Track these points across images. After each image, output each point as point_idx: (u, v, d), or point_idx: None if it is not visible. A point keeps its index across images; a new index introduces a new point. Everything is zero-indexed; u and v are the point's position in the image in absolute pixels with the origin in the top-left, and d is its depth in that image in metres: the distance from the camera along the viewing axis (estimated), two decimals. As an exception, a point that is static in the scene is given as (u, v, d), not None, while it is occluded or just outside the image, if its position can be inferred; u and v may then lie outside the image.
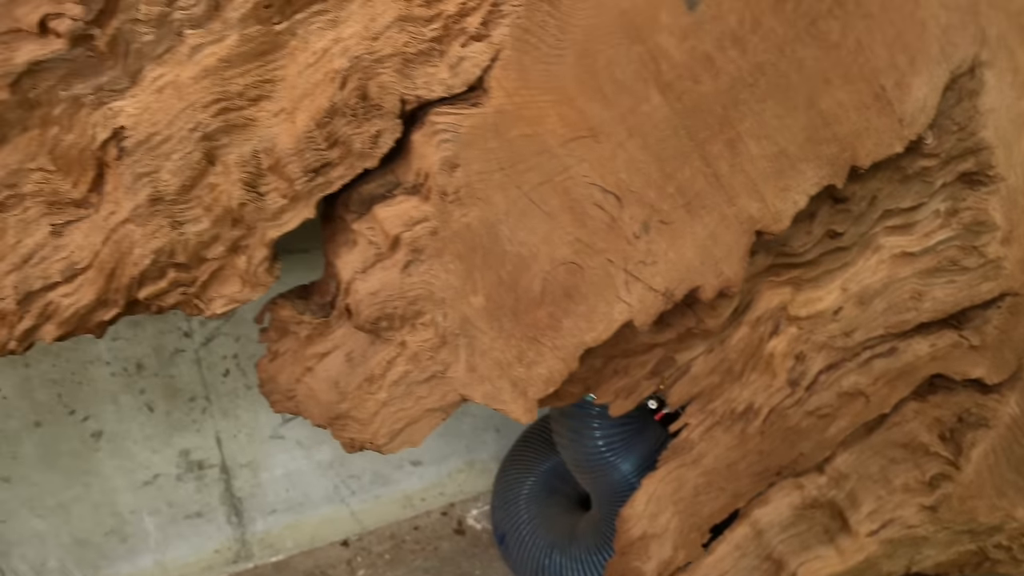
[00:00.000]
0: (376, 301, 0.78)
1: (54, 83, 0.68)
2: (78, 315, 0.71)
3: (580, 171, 0.79)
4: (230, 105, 0.70)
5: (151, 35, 0.67)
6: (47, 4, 0.64)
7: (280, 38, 0.70)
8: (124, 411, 1.26)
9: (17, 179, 0.70)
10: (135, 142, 0.68)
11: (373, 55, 0.71)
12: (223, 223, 0.72)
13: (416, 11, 0.72)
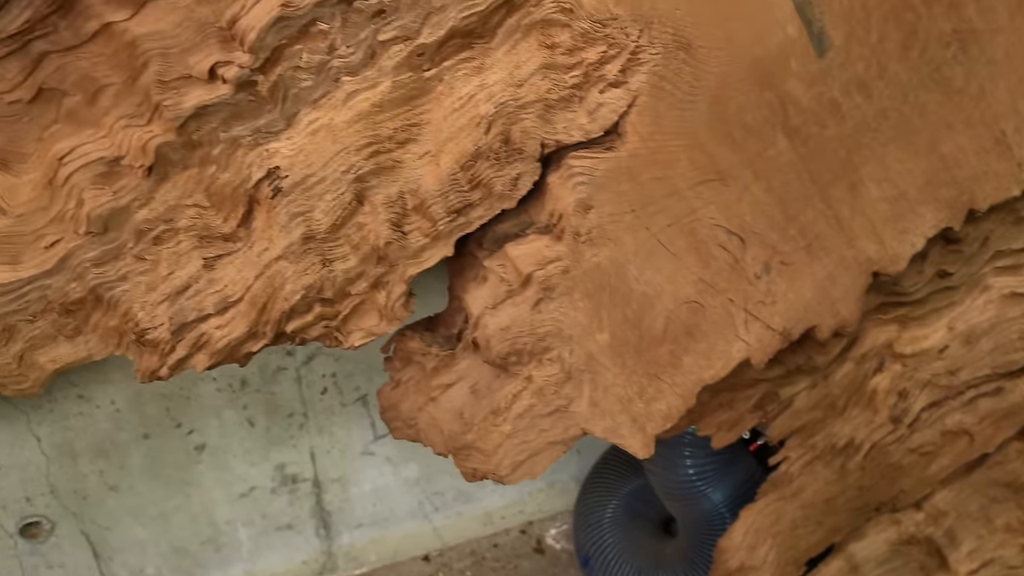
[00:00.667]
0: (507, 337, 0.80)
1: (216, 125, 0.70)
2: (229, 346, 0.74)
3: (707, 213, 0.81)
4: (380, 148, 0.72)
5: (310, 81, 0.70)
6: (218, 52, 0.67)
7: (428, 84, 0.73)
8: (227, 426, 1.30)
9: (174, 214, 0.73)
10: (291, 183, 0.71)
11: (517, 101, 0.73)
12: (369, 261, 0.74)
13: (559, 59, 0.73)
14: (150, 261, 0.75)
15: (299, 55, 0.68)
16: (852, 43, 0.80)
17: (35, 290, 0.72)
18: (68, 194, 0.70)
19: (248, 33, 0.66)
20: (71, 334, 0.76)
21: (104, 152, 0.70)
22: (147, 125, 0.69)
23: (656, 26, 0.74)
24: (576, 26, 0.72)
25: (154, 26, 0.66)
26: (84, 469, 1.26)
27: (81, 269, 0.73)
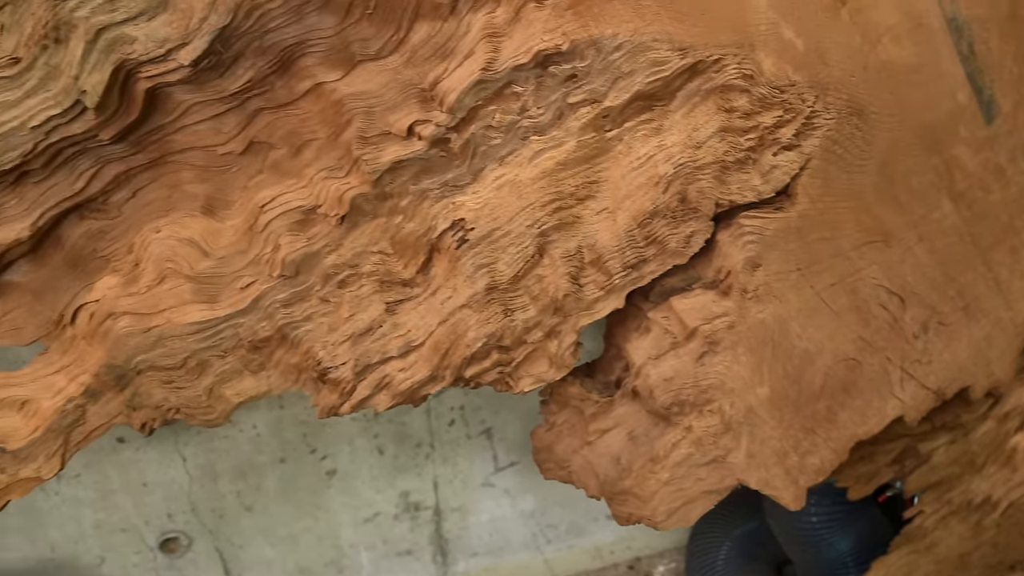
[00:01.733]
0: (671, 388, 0.81)
1: (407, 178, 0.73)
2: (411, 388, 0.76)
3: (869, 273, 0.81)
4: (562, 204, 0.74)
5: (499, 139, 0.72)
6: (417, 111, 0.70)
7: (609, 143, 0.74)
8: (358, 452, 1.33)
9: (359, 260, 0.76)
10: (478, 235, 0.73)
11: (695, 162, 0.75)
12: (547, 311, 0.76)
13: (736, 122, 0.75)
14: (333, 303, 0.77)
15: (492, 115, 0.71)
16: (1020, 110, 0.79)
17: (229, 328, 0.76)
18: (266, 239, 0.74)
19: (448, 95, 0.68)
20: (256, 369, 0.79)
21: (302, 201, 0.73)
22: (345, 177, 0.72)
23: (832, 92, 0.75)
24: (755, 91, 0.74)
25: (362, 86, 0.69)
26: (223, 489, 1.30)
27: (271, 309, 0.76)
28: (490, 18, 0.67)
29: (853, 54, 0.74)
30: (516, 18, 0.68)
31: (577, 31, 0.69)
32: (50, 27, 0.62)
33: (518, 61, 0.69)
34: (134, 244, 0.74)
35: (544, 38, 0.68)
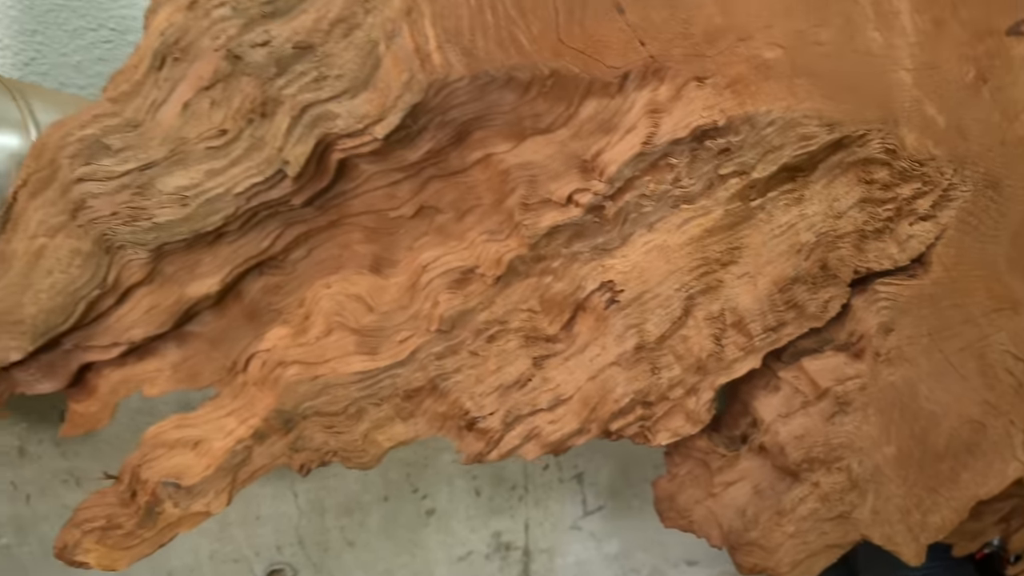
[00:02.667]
0: (801, 445, 0.83)
1: (560, 242, 0.77)
2: (560, 440, 0.80)
3: (997, 339, 0.83)
4: (707, 269, 0.78)
5: (650, 207, 0.76)
6: (577, 181, 0.74)
7: (752, 211, 0.78)
8: (456, 493, 1.36)
9: (509, 316, 0.80)
10: (629, 298, 0.77)
11: (835, 232, 0.78)
12: (690, 370, 0.79)
13: (876, 193, 0.78)
14: (481, 356, 0.81)
15: (647, 185, 0.74)
16: None
17: (387, 378, 0.80)
18: (426, 296, 0.78)
19: (609, 166, 0.72)
20: (406, 416, 0.83)
21: (462, 262, 0.77)
22: (505, 240, 0.76)
23: (969, 166, 0.78)
24: (896, 165, 0.77)
25: (529, 157, 0.73)
26: (329, 524, 1.34)
27: (426, 361, 0.80)
28: (653, 95, 0.71)
29: (992, 130, 0.77)
30: (678, 96, 0.72)
31: (734, 108, 0.72)
32: (258, 103, 0.67)
33: (676, 136, 0.73)
34: (306, 298, 0.78)
35: (703, 115, 0.72)
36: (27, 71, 0.97)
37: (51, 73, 0.98)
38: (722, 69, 0.71)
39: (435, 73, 0.66)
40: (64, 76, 0.99)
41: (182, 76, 0.68)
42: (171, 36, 0.67)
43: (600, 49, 0.69)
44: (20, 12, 0.94)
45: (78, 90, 1.01)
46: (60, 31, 0.97)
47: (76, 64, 0.99)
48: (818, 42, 0.73)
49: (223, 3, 0.66)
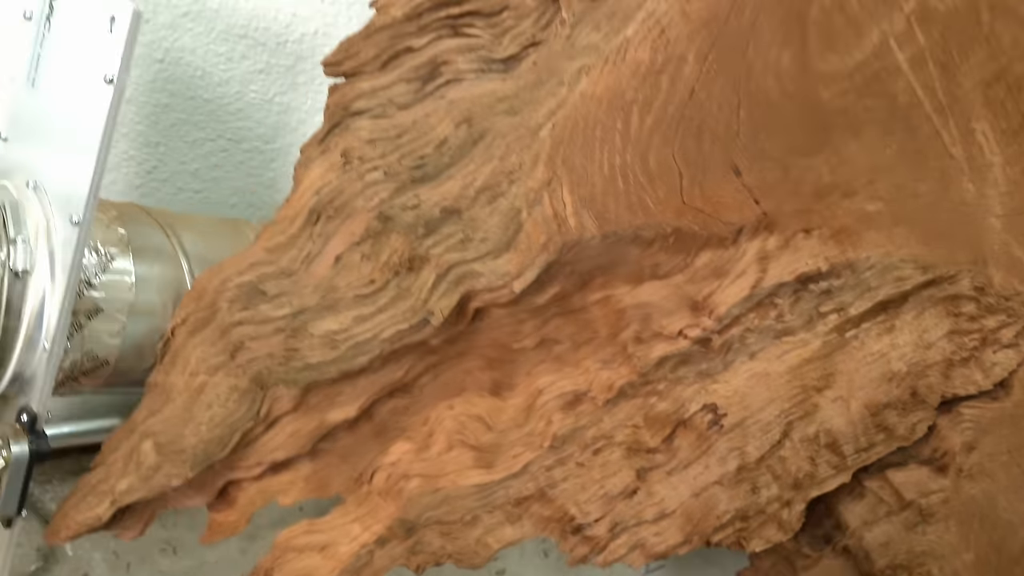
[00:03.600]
0: (886, 553, 0.88)
1: (667, 368, 0.82)
2: (665, 551, 0.85)
3: (1071, 455, 0.88)
4: (805, 396, 0.83)
5: (753, 339, 0.81)
6: (688, 318, 0.79)
7: (847, 341, 0.83)
8: (526, 556, 1.42)
9: (614, 432, 0.86)
10: (732, 423, 0.82)
11: (925, 361, 0.83)
12: (786, 488, 0.85)
13: (963, 325, 0.83)
14: (586, 467, 0.87)
15: (751, 320, 0.80)
16: None
17: (501, 489, 0.85)
18: (540, 416, 0.83)
19: (719, 306, 0.78)
20: (514, 520, 0.89)
21: (576, 386, 0.82)
22: (617, 368, 0.81)
23: (1049, 302, 0.83)
24: (983, 300, 0.82)
25: (645, 298, 0.78)
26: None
27: (536, 472, 0.86)
28: (764, 244, 0.77)
29: (1073, 271, 0.82)
30: (786, 245, 0.77)
31: (837, 256, 0.78)
32: (405, 258, 0.72)
33: (782, 280, 0.78)
34: (430, 417, 0.84)
35: (808, 262, 0.77)
36: (149, 178, 1.03)
37: (171, 179, 1.04)
38: (828, 221, 0.76)
39: (571, 235, 0.72)
40: (182, 181, 1.05)
41: (335, 232, 0.73)
42: (326, 196, 0.73)
43: (718, 208, 0.74)
44: (146, 127, 1.00)
45: (194, 194, 1.06)
46: (181, 142, 1.02)
47: (194, 171, 1.04)
48: (916, 194, 0.78)
49: (376, 168, 0.72)
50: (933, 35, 0.74)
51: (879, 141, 0.76)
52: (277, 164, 1.06)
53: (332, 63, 0.75)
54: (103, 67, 0.65)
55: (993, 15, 0.75)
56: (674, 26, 0.70)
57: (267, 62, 1.02)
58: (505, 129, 0.71)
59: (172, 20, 0.96)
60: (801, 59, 0.73)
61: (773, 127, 0.74)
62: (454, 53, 0.74)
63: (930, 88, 0.75)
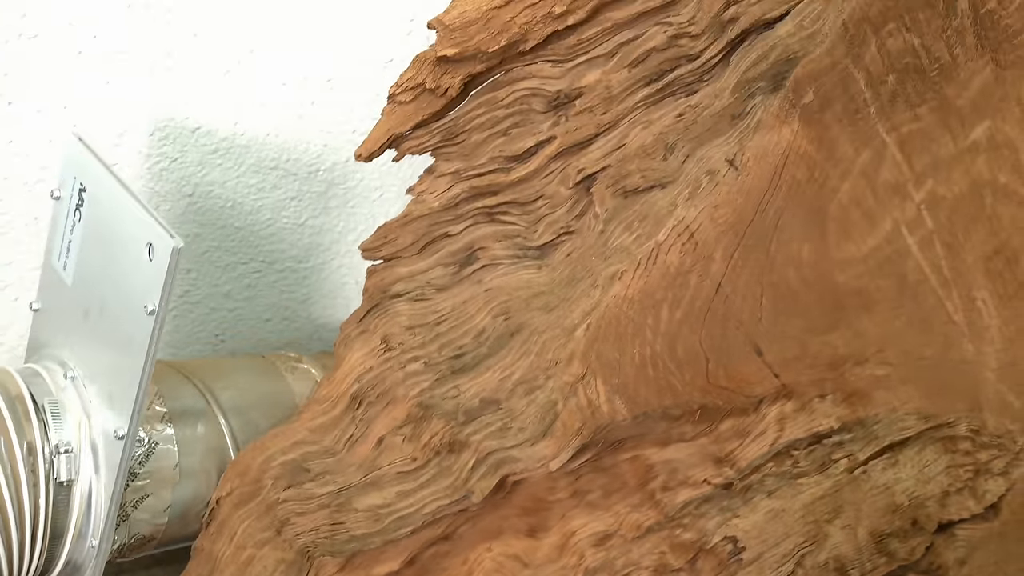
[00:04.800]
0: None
1: (692, 507, 0.83)
2: None
3: (1052, 562, 0.90)
4: (817, 528, 0.84)
5: (772, 481, 0.82)
6: (712, 470, 0.80)
7: (855, 478, 0.84)
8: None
9: (642, 559, 0.87)
10: (750, 557, 0.83)
11: (925, 494, 0.84)
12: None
13: (959, 460, 0.85)
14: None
15: (770, 468, 0.81)
16: None
17: (533, 612, 0.86)
18: (573, 552, 0.84)
19: (740, 461, 0.79)
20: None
21: (606, 527, 0.83)
22: (645, 511, 0.82)
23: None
24: (977, 440, 0.83)
25: (672, 456, 0.79)
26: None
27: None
28: (782, 409, 0.78)
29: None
30: (802, 408, 0.78)
31: (848, 415, 0.79)
32: (446, 441, 0.72)
33: (798, 437, 0.79)
34: (469, 558, 0.85)
35: (823, 422, 0.78)
36: (180, 301, 1.02)
37: (203, 301, 1.02)
38: (841, 387, 0.77)
39: (603, 419, 0.72)
40: (215, 303, 1.03)
41: (376, 416, 0.73)
42: (367, 383, 0.72)
43: (741, 384, 0.74)
44: (178, 256, 0.98)
45: (228, 312, 1.05)
46: (213, 267, 1.01)
47: (227, 292, 1.03)
48: (921, 357, 0.79)
49: (416, 358, 0.71)
50: (940, 219, 0.75)
51: (889, 314, 0.77)
52: (311, 281, 1.05)
53: (370, 248, 0.74)
54: (142, 295, 0.63)
55: (995, 198, 0.76)
56: (703, 230, 0.69)
57: (299, 190, 0.99)
58: (542, 326, 0.70)
59: (201, 158, 0.93)
60: (820, 249, 0.73)
61: (793, 311, 0.74)
62: (490, 240, 0.73)
63: (936, 265, 0.76)
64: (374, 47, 0.95)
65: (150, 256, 0.64)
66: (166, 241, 0.63)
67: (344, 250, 1.06)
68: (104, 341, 0.70)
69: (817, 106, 0.69)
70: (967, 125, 0.73)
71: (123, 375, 0.67)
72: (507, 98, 0.73)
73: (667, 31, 0.71)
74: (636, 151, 0.71)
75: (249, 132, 0.93)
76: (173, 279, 0.63)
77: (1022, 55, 0.72)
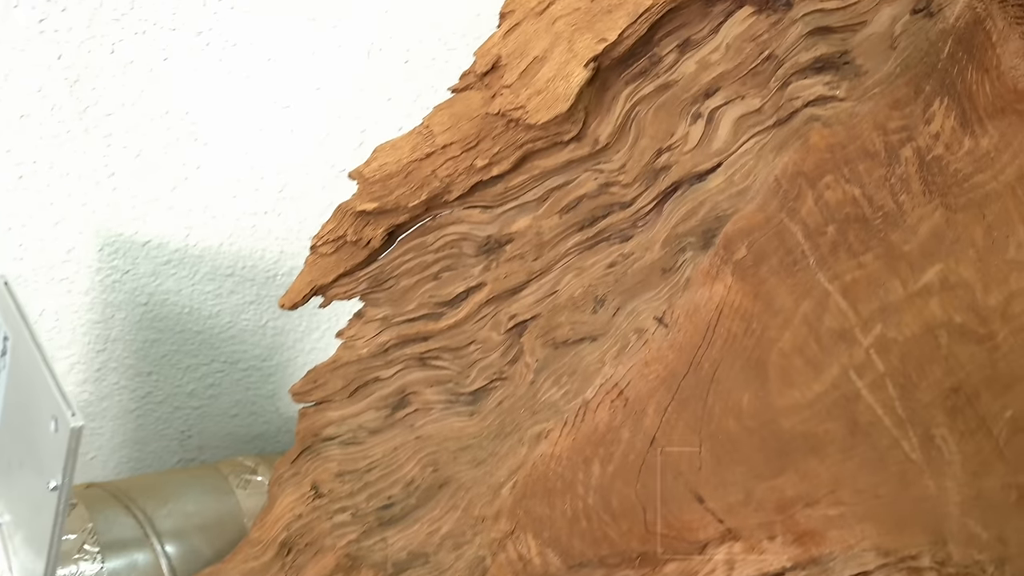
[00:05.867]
0: None
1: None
2: None
3: None
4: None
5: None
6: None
7: None
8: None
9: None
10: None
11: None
12: None
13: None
14: None
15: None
16: None
17: None
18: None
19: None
20: None
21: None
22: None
23: (1008, 563, 0.79)
24: (943, 571, 0.78)
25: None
26: None
27: None
28: (730, 550, 0.73)
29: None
30: (751, 549, 0.73)
31: (801, 555, 0.74)
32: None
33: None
34: None
35: (773, 562, 0.73)
36: (143, 403, 0.99)
37: (167, 400, 1.00)
38: (791, 528, 0.72)
39: (536, 571, 0.68)
40: (178, 401, 1.00)
41: (306, 564, 0.70)
42: (296, 531, 0.69)
43: (683, 531, 0.70)
44: (136, 360, 0.96)
45: (192, 410, 1.02)
46: (174, 369, 0.98)
47: (190, 392, 1.00)
48: (877, 496, 0.73)
49: (344, 508, 0.68)
50: (892, 361, 0.70)
51: (840, 456, 0.72)
52: (277, 378, 1.02)
53: (300, 392, 0.70)
54: (49, 468, 0.60)
55: (951, 338, 0.70)
56: (633, 387, 0.65)
57: (257, 294, 0.96)
58: (469, 481, 0.66)
59: (154, 268, 0.90)
60: (761, 398, 0.68)
61: (735, 459, 0.69)
62: (422, 384, 0.70)
63: (889, 406, 0.71)
64: (325, 158, 0.92)
65: (56, 428, 0.61)
66: (66, 419, 0.59)
67: (309, 347, 1.03)
68: (23, 496, 0.67)
69: (751, 261, 0.64)
70: (917, 269, 0.68)
71: (38, 537, 0.64)
72: (436, 243, 0.69)
73: (598, 178, 0.66)
74: (566, 302, 0.67)
75: (202, 242, 0.90)
76: (75, 460, 0.60)
77: (974, 197, 0.67)
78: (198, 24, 0.80)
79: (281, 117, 0.87)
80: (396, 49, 0.87)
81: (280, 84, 0.86)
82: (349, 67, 0.87)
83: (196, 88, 0.83)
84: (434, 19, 0.86)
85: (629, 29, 0.60)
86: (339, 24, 0.84)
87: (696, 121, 0.64)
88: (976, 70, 0.62)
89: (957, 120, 0.64)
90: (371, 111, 0.89)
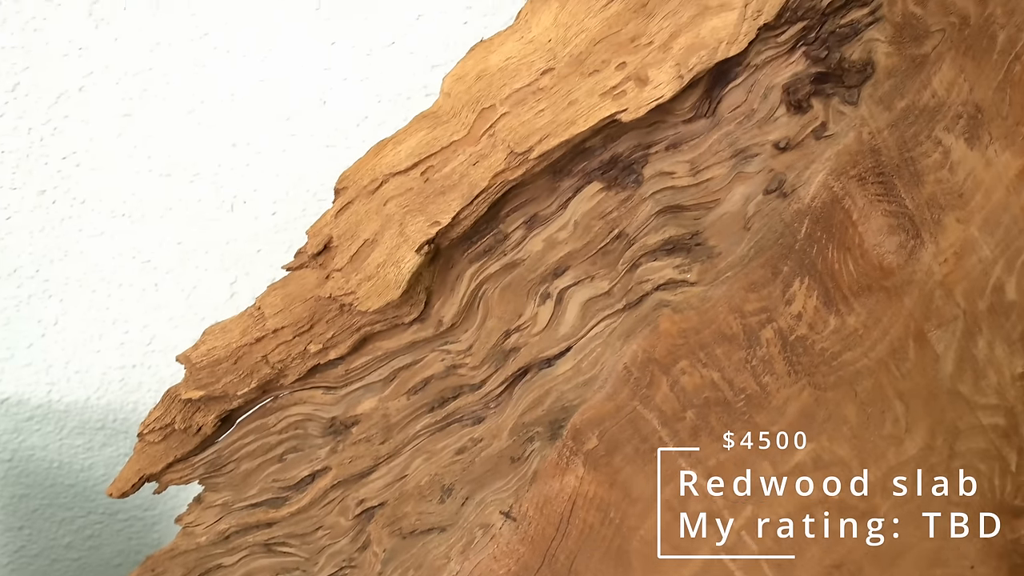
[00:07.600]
0: None
1: None
2: None
3: None
4: None
5: None
6: None
7: None
8: None
9: None
10: None
11: None
12: None
13: None
14: None
15: None
16: None
17: None
18: None
19: None
20: None
21: None
22: None
23: None
24: None
25: None
26: None
27: None
28: None
29: None
30: None
31: None
32: None
33: None
34: None
35: None
36: (17, 556, 0.90)
37: (42, 554, 0.91)
38: None
39: None
40: (56, 554, 0.91)
41: None
42: None
43: None
44: (4, 515, 0.86)
45: (71, 562, 0.93)
46: (47, 523, 0.89)
47: (67, 544, 0.91)
48: None
49: None
50: (766, 542, 0.65)
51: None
52: (162, 525, 0.93)
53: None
54: None
55: (830, 514, 0.63)
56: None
57: (131, 447, 0.88)
58: None
59: (15, 425, 0.82)
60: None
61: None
62: (268, 572, 0.62)
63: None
64: (194, 310, 0.85)
65: None
66: None
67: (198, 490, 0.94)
68: None
69: (604, 451, 0.57)
70: (787, 450, 0.62)
71: None
72: (279, 424, 0.62)
73: (444, 359, 0.60)
74: (412, 491, 0.60)
75: (67, 397, 0.83)
76: None
77: (844, 375, 0.61)
78: (42, 183, 0.74)
79: (143, 272, 0.81)
80: (262, 201, 0.82)
81: (139, 240, 0.80)
82: (213, 219, 0.81)
83: (46, 246, 0.77)
84: (301, 171, 0.81)
85: (465, 211, 0.55)
86: (195, 179, 0.78)
87: (545, 302, 0.58)
88: (837, 249, 0.57)
89: (820, 300, 0.58)
90: (240, 263, 0.83)
